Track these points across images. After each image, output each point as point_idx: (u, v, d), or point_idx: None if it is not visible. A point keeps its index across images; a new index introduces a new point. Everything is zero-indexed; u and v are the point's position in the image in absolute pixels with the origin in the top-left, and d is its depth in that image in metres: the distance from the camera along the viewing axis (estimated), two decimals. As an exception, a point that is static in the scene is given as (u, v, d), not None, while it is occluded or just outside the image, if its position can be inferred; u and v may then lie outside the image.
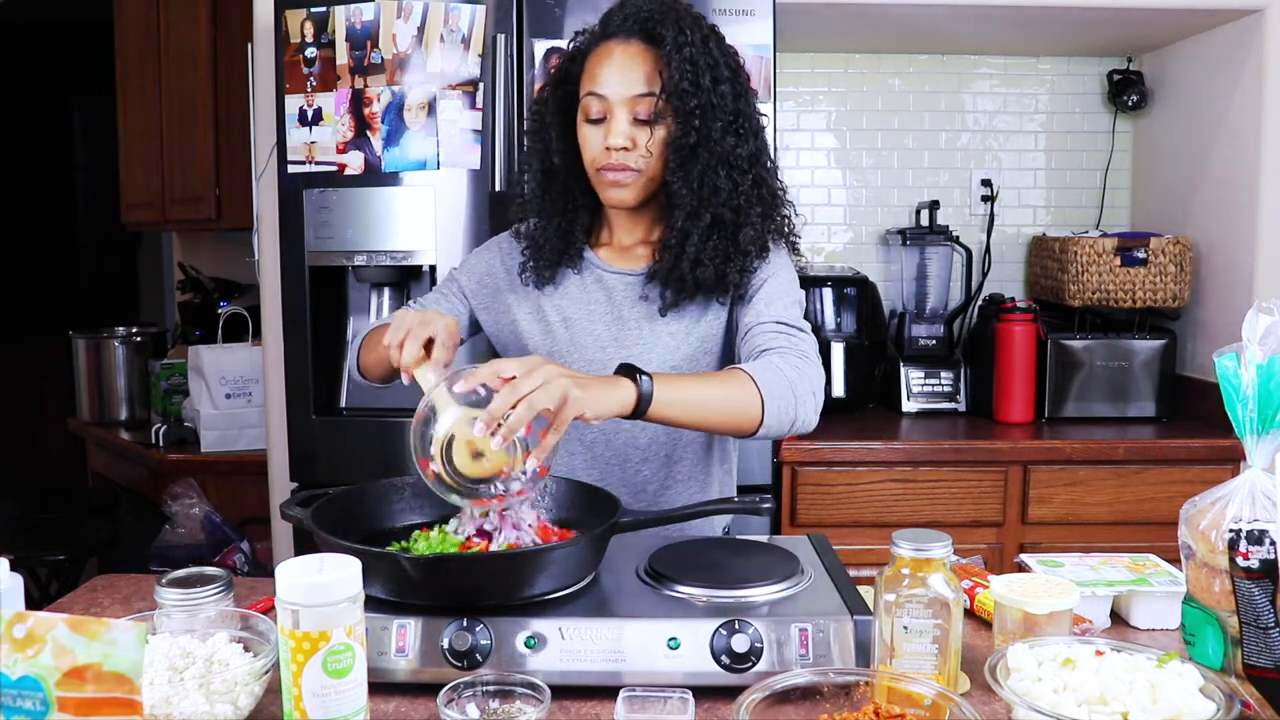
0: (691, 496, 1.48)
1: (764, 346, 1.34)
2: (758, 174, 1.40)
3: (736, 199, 1.38)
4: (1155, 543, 1.49)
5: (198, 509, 2.75)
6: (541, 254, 1.47)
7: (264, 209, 2.36)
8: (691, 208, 1.37)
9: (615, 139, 1.36)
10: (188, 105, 3.26)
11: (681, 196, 1.37)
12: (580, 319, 1.47)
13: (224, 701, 0.93)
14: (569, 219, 1.47)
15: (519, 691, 0.95)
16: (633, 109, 1.37)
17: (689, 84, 1.34)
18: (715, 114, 1.35)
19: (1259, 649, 0.98)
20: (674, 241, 1.39)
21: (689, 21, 1.37)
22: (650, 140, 1.37)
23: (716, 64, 1.37)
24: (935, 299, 2.79)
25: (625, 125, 1.37)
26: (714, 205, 1.37)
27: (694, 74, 1.34)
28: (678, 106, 1.34)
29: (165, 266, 4.64)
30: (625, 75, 1.36)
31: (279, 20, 2.07)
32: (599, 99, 1.37)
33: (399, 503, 1.30)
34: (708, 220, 1.37)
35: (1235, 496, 1.02)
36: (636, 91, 1.36)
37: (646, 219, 1.48)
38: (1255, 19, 2.47)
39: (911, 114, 2.99)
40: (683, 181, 1.37)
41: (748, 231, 1.39)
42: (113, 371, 3.32)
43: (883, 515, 2.37)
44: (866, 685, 0.95)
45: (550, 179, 1.46)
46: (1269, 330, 1.01)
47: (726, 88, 1.37)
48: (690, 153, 1.36)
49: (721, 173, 1.36)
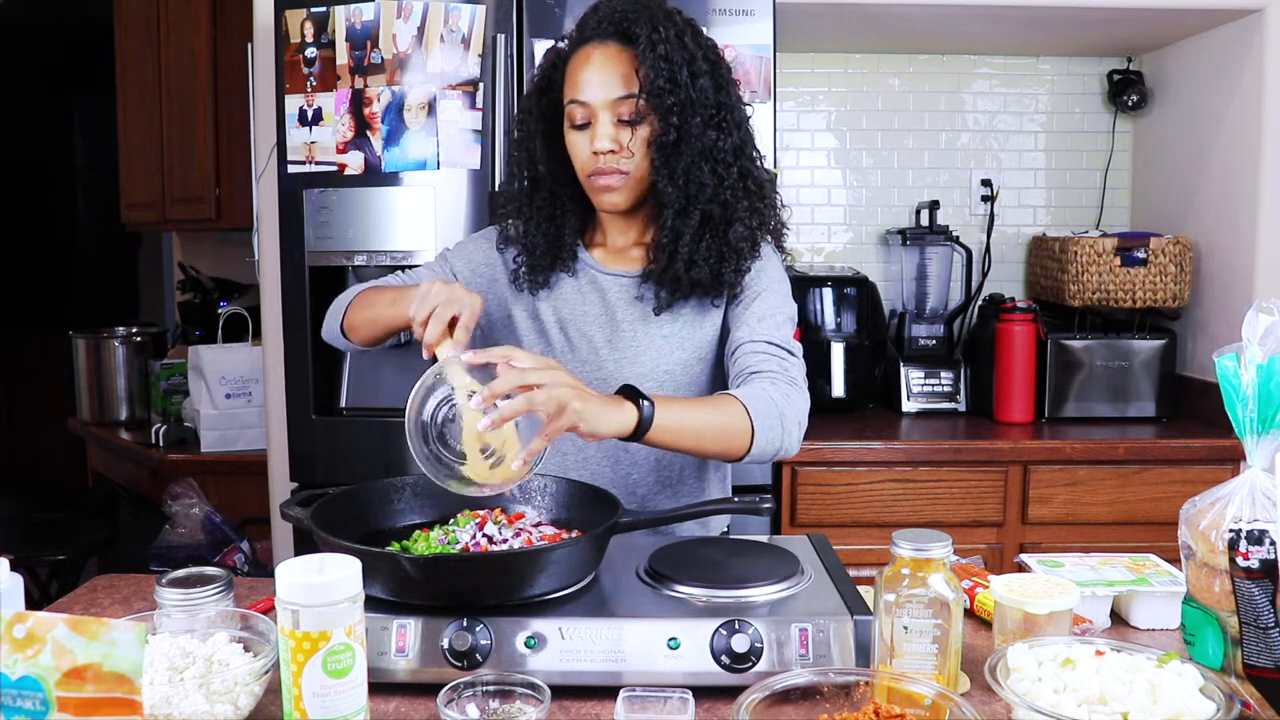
0: (683, 499, 1.47)
1: (754, 369, 1.34)
2: (743, 166, 1.39)
3: (723, 193, 1.37)
4: (1155, 543, 1.49)
5: (198, 509, 2.75)
6: (534, 260, 1.46)
7: (264, 209, 2.36)
8: (679, 206, 1.37)
9: (600, 143, 1.36)
10: (188, 105, 3.26)
11: (668, 195, 1.36)
12: (574, 321, 1.46)
13: (224, 701, 0.93)
14: (557, 225, 1.46)
15: (519, 691, 0.95)
16: (615, 112, 1.36)
17: (665, 81, 1.33)
18: (694, 109, 1.34)
19: (1259, 649, 0.98)
20: (666, 241, 1.38)
21: (662, 18, 1.36)
22: (633, 140, 1.36)
23: (694, 58, 1.35)
24: (935, 299, 2.79)
25: (609, 129, 1.37)
26: (701, 202, 1.36)
27: (670, 70, 1.33)
28: (656, 105, 1.34)
29: (165, 266, 4.64)
30: (604, 79, 1.36)
31: (279, 20, 2.07)
32: (582, 106, 1.37)
33: (399, 503, 1.30)
34: (697, 218, 1.37)
35: (1235, 496, 1.02)
36: (616, 94, 1.36)
37: (639, 220, 1.48)
38: (1255, 19, 2.47)
39: (911, 114, 2.99)
40: (668, 180, 1.36)
41: (738, 228, 1.38)
42: (113, 371, 3.32)
43: (883, 515, 2.37)
44: (866, 685, 0.95)
45: (536, 187, 1.46)
46: (1269, 330, 1.01)
47: (706, 80, 1.36)
48: (673, 150, 1.35)
49: (705, 168, 1.36)
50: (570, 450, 1.46)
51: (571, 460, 1.46)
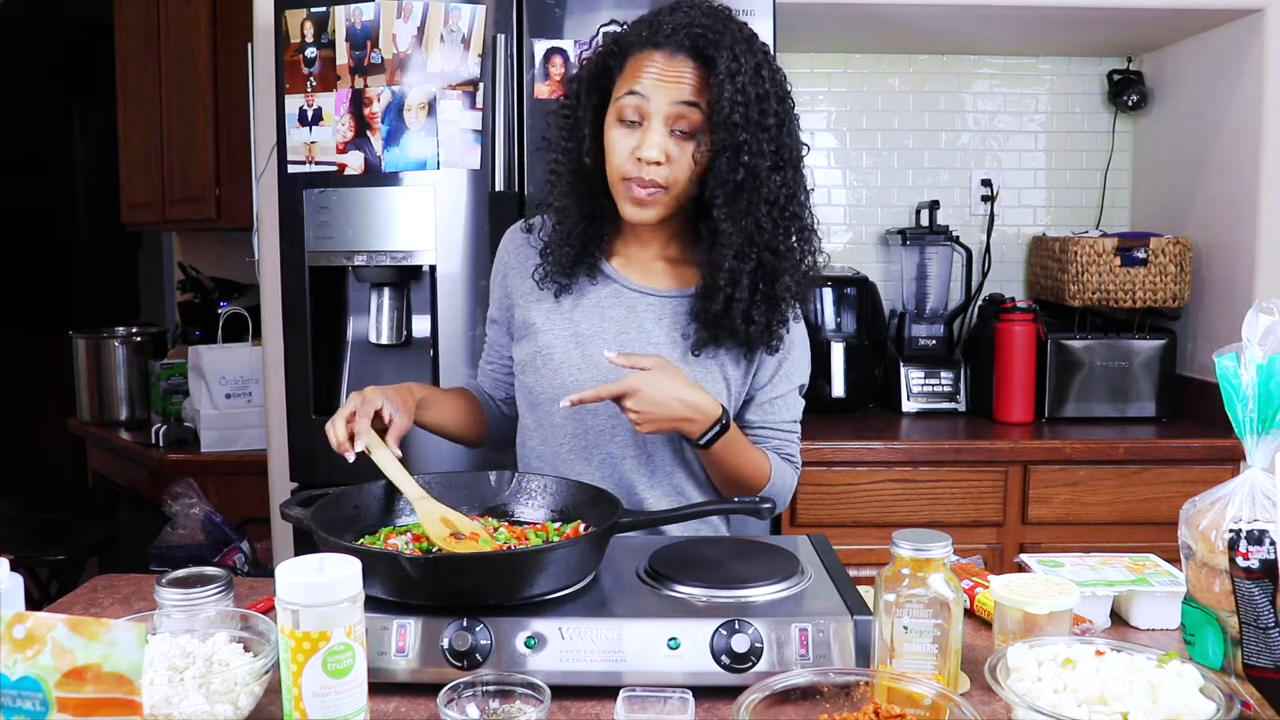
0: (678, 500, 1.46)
1: (779, 450, 1.49)
2: (794, 210, 1.36)
3: (777, 241, 1.34)
4: (1155, 543, 1.48)
5: (198, 509, 2.75)
6: (561, 259, 1.42)
7: (264, 209, 2.36)
8: (739, 248, 1.32)
9: (649, 150, 1.30)
10: (188, 105, 3.26)
11: (729, 235, 1.32)
12: (594, 337, 1.43)
13: (224, 701, 0.93)
14: (595, 226, 1.41)
15: (519, 691, 0.95)
16: (673, 121, 1.30)
17: (740, 117, 1.27)
18: (763, 150, 1.30)
19: (1259, 649, 0.98)
20: (724, 283, 1.34)
21: (744, 47, 1.30)
22: (682, 156, 1.31)
23: (766, 96, 1.30)
24: (935, 299, 2.79)
25: (661, 137, 1.30)
26: (758, 245, 1.33)
27: (744, 107, 1.27)
28: (725, 140, 1.28)
29: (165, 266, 4.64)
30: (670, 83, 1.29)
31: (279, 20, 2.07)
32: (638, 99, 1.30)
33: (399, 503, 1.29)
34: (753, 263, 1.33)
35: (1235, 496, 1.02)
36: (681, 99, 1.29)
37: (663, 233, 1.44)
38: (1255, 19, 2.47)
39: (911, 114, 2.99)
40: (728, 219, 1.31)
41: (784, 280, 1.36)
42: (113, 371, 3.32)
43: (883, 515, 2.37)
44: (866, 685, 0.95)
45: (581, 181, 1.39)
46: (1269, 330, 1.01)
47: (773, 120, 1.30)
48: (736, 189, 1.30)
49: (764, 210, 1.32)
50: (565, 451, 1.46)
51: (565, 451, 1.46)
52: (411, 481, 1.26)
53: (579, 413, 1.42)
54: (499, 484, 1.34)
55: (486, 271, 1.95)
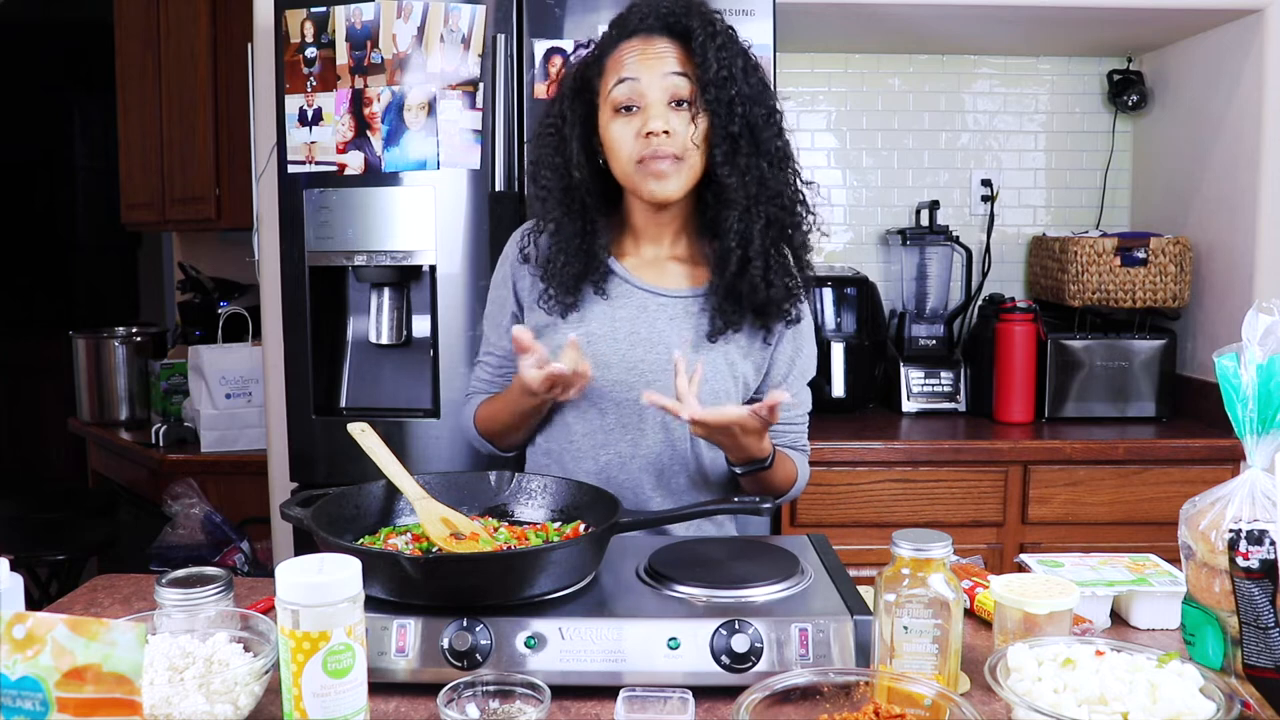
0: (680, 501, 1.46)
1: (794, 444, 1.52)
2: (794, 168, 1.39)
3: (781, 192, 1.36)
4: (1155, 543, 1.48)
5: (198, 509, 2.75)
6: (563, 276, 1.41)
7: (264, 209, 2.36)
8: (745, 205, 1.34)
9: (654, 123, 1.32)
10: (188, 105, 3.26)
11: (734, 190, 1.33)
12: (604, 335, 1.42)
13: (224, 701, 0.93)
14: (589, 237, 1.41)
15: (519, 691, 0.95)
16: (669, 92, 1.33)
17: (728, 72, 1.31)
18: (756, 100, 1.33)
19: (1259, 649, 0.98)
20: (735, 245, 1.35)
21: (711, 14, 1.35)
22: (694, 133, 1.33)
23: (746, 53, 1.35)
24: (935, 299, 2.79)
25: (662, 109, 1.33)
26: (764, 200, 1.34)
27: (729, 64, 1.31)
28: (718, 96, 1.31)
29: (165, 266, 4.65)
30: (654, 59, 1.33)
31: (279, 20, 2.07)
32: (630, 83, 1.33)
33: (399, 503, 1.29)
34: (763, 220, 1.34)
35: (1235, 496, 1.02)
36: (669, 70, 1.32)
37: (672, 228, 1.44)
38: (1255, 19, 2.47)
39: (911, 114, 2.99)
40: (731, 173, 1.33)
41: (795, 237, 1.38)
42: (113, 371, 3.32)
43: (883, 515, 2.37)
44: (866, 685, 0.95)
45: (572, 194, 1.40)
46: (1269, 330, 1.01)
47: (757, 78, 1.34)
48: (734, 143, 1.33)
49: (764, 165, 1.34)
50: (566, 454, 1.46)
51: (570, 466, 1.46)
52: (411, 481, 1.25)
53: (589, 411, 1.43)
54: (499, 484, 1.34)
55: (487, 271, 1.95)
